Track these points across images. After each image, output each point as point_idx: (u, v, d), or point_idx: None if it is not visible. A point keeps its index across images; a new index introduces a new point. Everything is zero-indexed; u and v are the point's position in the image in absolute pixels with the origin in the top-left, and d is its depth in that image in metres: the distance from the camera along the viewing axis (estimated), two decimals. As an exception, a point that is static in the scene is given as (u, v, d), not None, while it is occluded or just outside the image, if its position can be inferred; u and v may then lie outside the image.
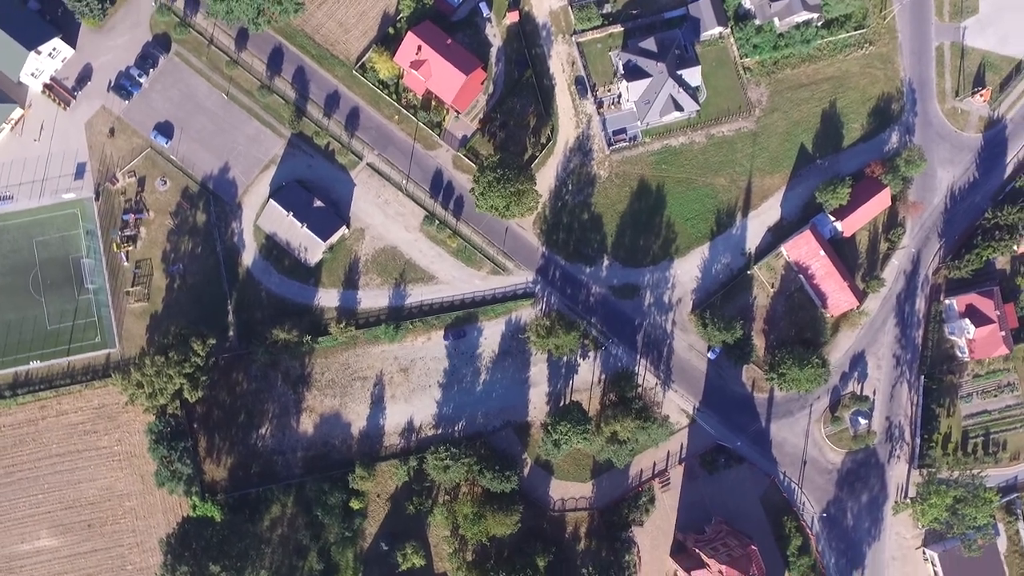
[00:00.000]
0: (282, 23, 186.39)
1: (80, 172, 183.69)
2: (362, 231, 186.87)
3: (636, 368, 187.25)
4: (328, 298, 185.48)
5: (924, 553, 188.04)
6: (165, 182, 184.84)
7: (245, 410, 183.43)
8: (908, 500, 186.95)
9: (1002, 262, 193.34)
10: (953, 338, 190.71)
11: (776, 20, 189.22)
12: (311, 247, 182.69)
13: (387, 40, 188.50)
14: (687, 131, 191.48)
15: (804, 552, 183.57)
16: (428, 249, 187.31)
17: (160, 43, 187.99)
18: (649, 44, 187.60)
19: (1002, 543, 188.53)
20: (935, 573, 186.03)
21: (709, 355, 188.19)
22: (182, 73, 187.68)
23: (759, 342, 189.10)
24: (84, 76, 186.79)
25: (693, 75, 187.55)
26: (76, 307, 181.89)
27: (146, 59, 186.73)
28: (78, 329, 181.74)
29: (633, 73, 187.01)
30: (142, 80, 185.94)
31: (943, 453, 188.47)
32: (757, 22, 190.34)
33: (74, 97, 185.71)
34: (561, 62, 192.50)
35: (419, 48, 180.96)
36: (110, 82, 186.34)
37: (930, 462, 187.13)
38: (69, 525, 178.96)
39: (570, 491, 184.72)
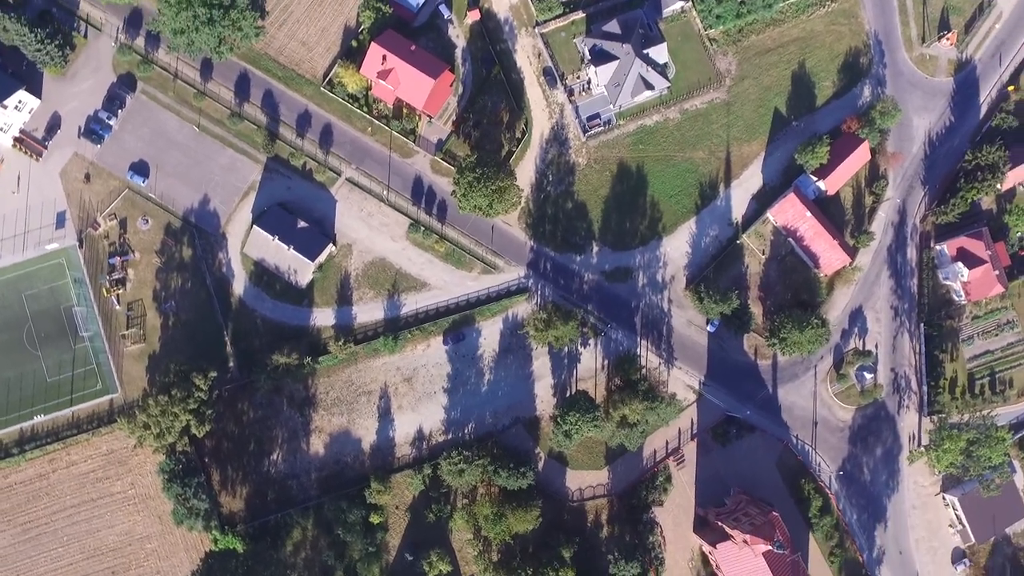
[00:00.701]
0: (244, 49, 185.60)
1: (61, 221, 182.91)
2: (349, 246, 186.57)
3: (638, 350, 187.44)
4: (323, 317, 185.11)
5: (944, 498, 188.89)
6: (147, 221, 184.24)
7: (254, 438, 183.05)
8: (922, 448, 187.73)
9: (987, 202, 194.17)
10: (948, 283, 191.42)
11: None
12: (300, 269, 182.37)
13: (351, 53, 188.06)
14: (660, 109, 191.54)
15: (826, 512, 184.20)
16: (417, 256, 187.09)
17: (125, 83, 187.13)
18: (612, 27, 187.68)
19: (1019, 479, 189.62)
20: (957, 517, 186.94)
21: (708, 328, 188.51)
22: (151, 110, 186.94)
23: (757, 310, 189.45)
24: (53, 125, 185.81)
25: (660, 52, 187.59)
26: (73, 357, 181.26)
27: (113, 101, 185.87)
28: (78, 378, 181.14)
29: (600, 57, 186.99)
30: (111, 122, 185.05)
31: (951, 398, 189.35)
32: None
33: (45, 147, 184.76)
34: (527, 55, 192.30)
35: (384, 58, 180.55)
36: (80, 128, 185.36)
37: (939, 408, 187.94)
38: (93, 574, 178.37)
39: (586, 480, 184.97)
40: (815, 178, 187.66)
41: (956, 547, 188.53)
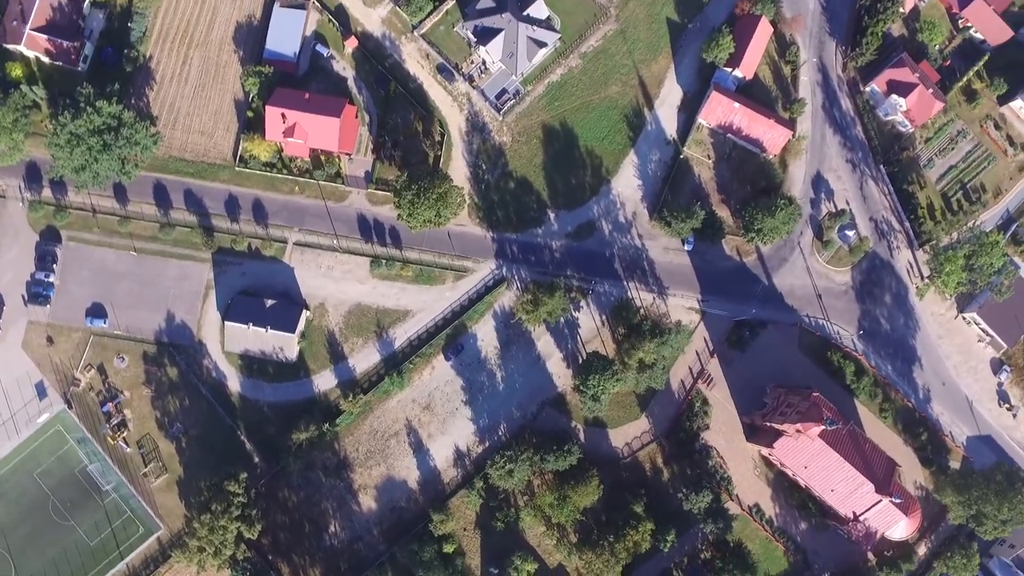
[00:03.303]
0: (149, 160, 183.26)
1: (41, 391, 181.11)
2: (322, 305, 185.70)
3: (628, 294, 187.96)
4: (325, 381, 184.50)
5: (964, 318, 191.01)
6: (123, 359, 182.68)
7: (307, 519, 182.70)
8: (926, 280, 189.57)
9: (897, 29, 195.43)
10: (890, 118, 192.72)
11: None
12: (285, 345, 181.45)
13: (252, 124, 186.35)
14: (560, 61, 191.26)
15: (861, 374, 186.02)
16: (388, 290, 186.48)
17: (49, 237, 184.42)
18: (485, 2, 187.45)
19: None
20: (982, 330, 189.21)
21: (686, 248, 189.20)
22: (84, 253, 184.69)
23: (724, 213, 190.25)
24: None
25: (539, 9, 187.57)
26: (106, 512, 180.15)
27: (45, 258, 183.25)
28: (119, 530, 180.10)
29: (485, 35, 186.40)
30: (52, 279, 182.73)
31: (934, 223, 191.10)
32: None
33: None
34: (416, 60, 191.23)
35: (283, 116, 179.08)
36: (23, 296, 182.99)
37: (928, 237, 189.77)
38: None
39: (630, 433, 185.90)
40: (729, 69, 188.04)
41: (992, 358, 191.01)
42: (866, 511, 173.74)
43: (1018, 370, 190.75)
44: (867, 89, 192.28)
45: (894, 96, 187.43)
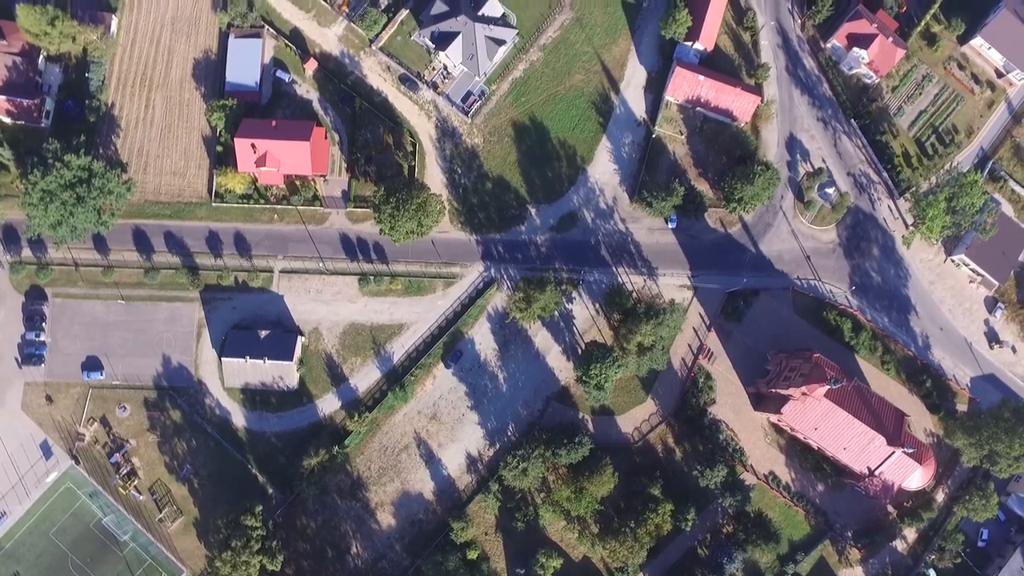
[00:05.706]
0: (124, 207, 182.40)
1: (47, 451, 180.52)
2: (316, 329, 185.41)
3: (619, 280, 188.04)
4: (329, 404, 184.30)
5: (953, 261, 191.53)
6: (125, 408, 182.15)
7: (328, 544, 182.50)
8: (911, 228, 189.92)
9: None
10: (854, 71, 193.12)
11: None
12: (284, 373, 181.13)
13: (223, 158, 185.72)
14: (522, 57, 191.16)
15: (859, 329, 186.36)
16: (379, 305, 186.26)
17: (35, 296, 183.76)
18: (439, 7, 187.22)
19: (1007, 209, 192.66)
20: (972, 271, 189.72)
21: (670, 226, 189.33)
22: (72, 308, 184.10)
23: (703, 187, 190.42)
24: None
25: (493, 7, 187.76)
26: (127, 563, 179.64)
27: (33, 318, 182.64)
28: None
29: (443, 40, 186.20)
30: (43, 338, 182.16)
31: (912, 170, 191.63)
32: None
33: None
34: (378, 74, 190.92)
35: (253, 146, 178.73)
36: (17, 359, 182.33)
37: (907, 185, 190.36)
38: None
39: (638, 417, 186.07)
40: (690, 43, 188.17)
41: (985, 297, 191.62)
42: (880, 465, 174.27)
43: (1012, 306, 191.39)
44: (828, 46, 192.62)
45: (855, 49, 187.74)
